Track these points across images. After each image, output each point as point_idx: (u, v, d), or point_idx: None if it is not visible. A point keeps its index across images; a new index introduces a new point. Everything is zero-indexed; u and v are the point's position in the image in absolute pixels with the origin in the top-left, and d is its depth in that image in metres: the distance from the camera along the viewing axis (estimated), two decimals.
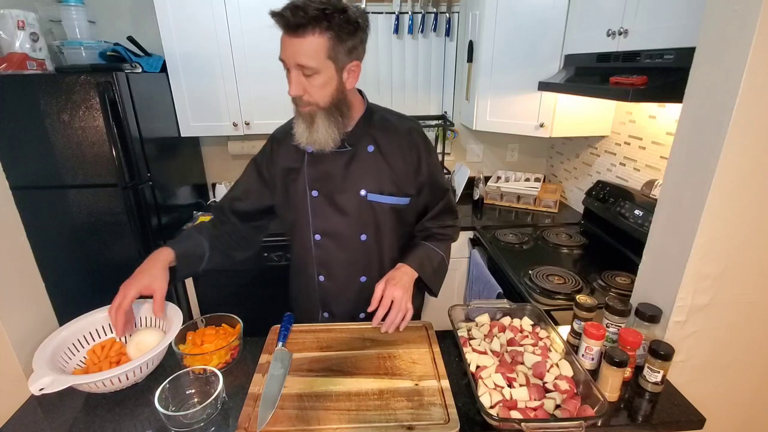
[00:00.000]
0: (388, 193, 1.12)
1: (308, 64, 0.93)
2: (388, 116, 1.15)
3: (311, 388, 0.91)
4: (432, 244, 1.22)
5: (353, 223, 1.13)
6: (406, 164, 1.12)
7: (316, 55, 0.92)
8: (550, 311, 1.30)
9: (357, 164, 1.10)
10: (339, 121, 1.03)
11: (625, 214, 1.68)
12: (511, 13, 1.92)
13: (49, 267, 1.14)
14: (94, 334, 1.04)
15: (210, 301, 2.22)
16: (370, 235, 1.15)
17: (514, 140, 2.59)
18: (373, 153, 1.11)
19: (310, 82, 0.95)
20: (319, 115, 1.00)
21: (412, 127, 1.15)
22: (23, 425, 0.87)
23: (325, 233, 1.15)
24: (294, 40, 0.91)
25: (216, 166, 2.57)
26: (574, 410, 0.82)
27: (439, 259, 1.21)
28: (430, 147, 1.18)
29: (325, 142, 1.03)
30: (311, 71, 0.94)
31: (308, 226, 1.15)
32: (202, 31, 1.97)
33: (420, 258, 1.17)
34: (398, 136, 1.12)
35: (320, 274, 1.19)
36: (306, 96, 0.97)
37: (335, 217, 1.13)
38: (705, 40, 0.87)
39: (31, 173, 1.77)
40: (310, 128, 1.02)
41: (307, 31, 0.89)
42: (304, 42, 0.90)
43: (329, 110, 1.00)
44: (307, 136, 1.02)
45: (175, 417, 0.82)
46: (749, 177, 0.86)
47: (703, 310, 0.97)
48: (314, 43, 0.91)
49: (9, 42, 1.68)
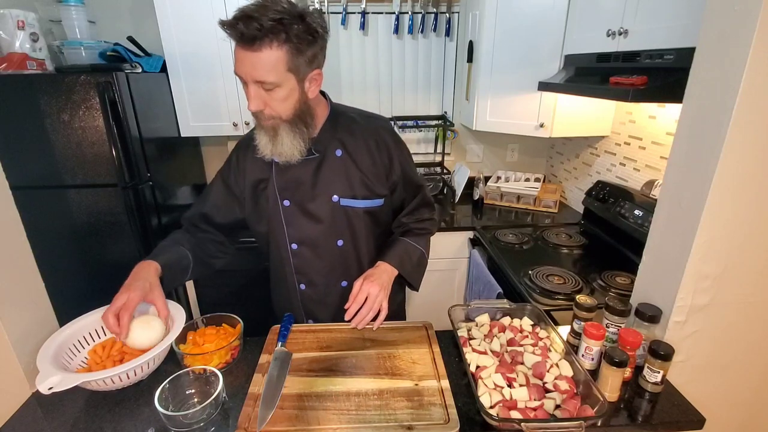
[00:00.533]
0: (361, 197, 1.10)
1: (267, 80, 0.88)
2: (354, 116, 1.12)
3: (311, 388, 0.91)
4: (410, 239, 1.21)
5: (328, 229, 1.11)
6: (376, 165, 1.10)
7: (275, 69, 0.87)
8: (550, 311, 1.30)
9: (326, 170, 1.08)
10: (303, 131, 1.00)
11: (625, 214, 1.68)
12: (511, 13, 1.92)
13: (49, 267, 1.14)
14: (94, 334, 1.04)
15: (210, 301, 2.22)
16: (347, 239, 1.14)
17: (514, 140, 2.59)
18: (341, 157, 1.08)
19: (271, 96, 0.91)
20: (283, 128, 0.97)
21: (380, 125, 1.13)
22: (23, 425, 0.87)
23: (302, 242, 1.13)
24: (249, 54, 0.86)
25: (216, 166, 2.54)
26: (574, 410, 0.82)
27: (418, 254, 1.21)
28: (401, 144, 1.15)
29: (290, 153, 1.00)
30: (271, 86, 0.89)
31: (283, 236, 1.13)
32: (202, 31, 1.97)
33: (399, 254, 1.16)
34: (365, 136, 1.09)
35: (300, 282, 1.18)
36: (267, 110, 0.93)
37: (309, 225, 1.11)
38: (705, 40, 0.87)
39: (31, 173, 1.78)
40: (273, 140, 0.98)
41: (264, 44, 0.84)
42: (261, 56, 0.85)
43: (293, 122, 0.97)
44: (272, 149, 0.99)
45: (175, 417, 0.82)
46: (749, 177, 0.86)
47: (703, 310, 0.97)
48: (272, 57, 0.86)
49: (9, 42, 1.68)
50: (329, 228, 1.11)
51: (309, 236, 1.12)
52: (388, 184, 1.13)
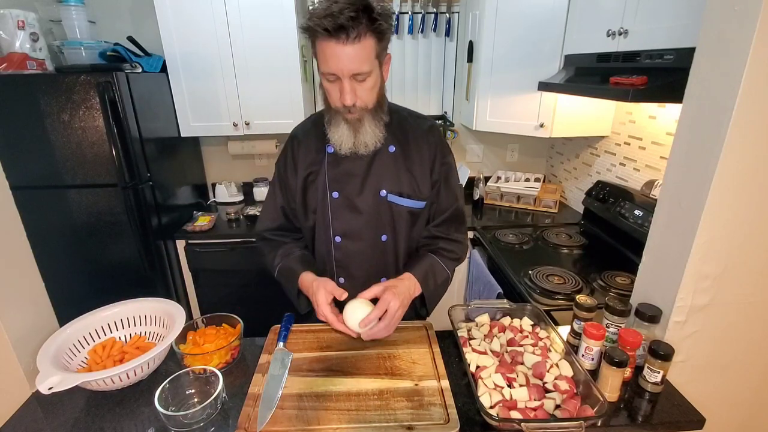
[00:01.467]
0: (406, 195, 1.10)
1: (363, 70, 0.88)
2: (405, 115, 1.13)
3: (311, 388, 0.91)
4: (441, 259, 1.16)
5: (372, 223, 1.11)
6: (423, 165, 1.10)
7: (369, 58, 0.89)
8: (550, 311, 1.30)
9: (378, 164, 1.08)
10: (381, 117, 1.01)
11: (625, 214, 1.68)
12: (511, 13, 1.92)
13: (49, 267, 1.14)
14: (94, 334, 1.04)
15: (210, 301, 2.22)
16: (390, 235, 1.13)
17: (514, 140, 2.59)
18: (394, 153, 1.08)
19: (362, 86, 0.92)
20: (367, 118, 0.98)
21: (432, 125, 1.13)
22: (23, 425, 0.87)
23: (345, 234, 1.13)
24: (348, 47, 0.86)
25: (216, 166, 2.57)
26: (573, 410, 0.82)
27: (444, 278, 1.16)
28: (446, 148, 1.14)
29: (372, 142, 1.01)
30: (364, 76, 0.90)
31: (329, 229, 1.13)
32: (202, 31, 1.98)
33: (425, 270, 1.11)
34: (417, 136, 1.10)
35: (340, 276, 1.17)
36: (358, 101, 0.94)
37: (353, 217, 1.11)
38: (705, 40, 0.87)
39: (31, 173, 1.78)
40: (356, 132, 0.99)
41: (360, 34, 0.85)
42: (358, 47, 0.86)
43: (374, 110, 0.98)
44: (354, 140, 1.00)
45: (175, 417, 0.82)
46: (749, 177, 0.86)
47: (703, 310, 0.97)
48: (367, 46, 0.87)
49: (9, 42, 1.68)
50: (373, 222, 1.11)
51: (352, 228, 1.12)
52: (430, 183, 1.12)
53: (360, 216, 1.10)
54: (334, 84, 0.93)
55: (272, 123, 2.16)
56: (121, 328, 1.07)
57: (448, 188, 1.15)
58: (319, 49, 0.90)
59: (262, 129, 2.17)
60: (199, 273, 2.16)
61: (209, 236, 2.07)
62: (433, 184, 1.13)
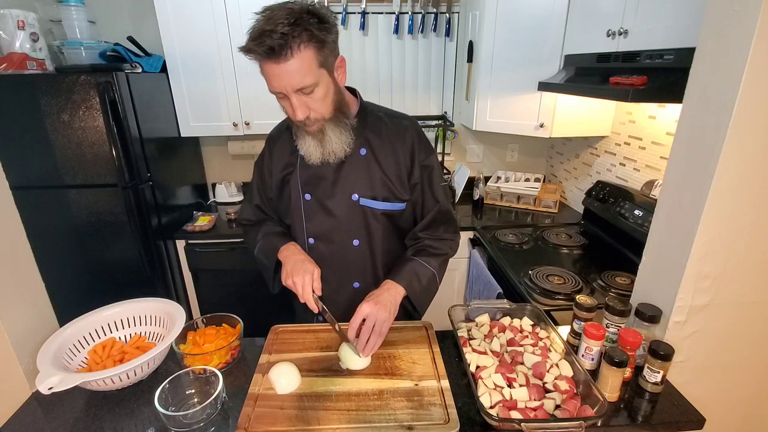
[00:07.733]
0: (381, 199, 1.09)
1: (306, 84, 0.88)
2: (381, 116, 1.11)
3: (311, 388, 0.91)
4: (422, 259, 1.13)
5: (344, 227, 1.11)
6: (399, 167, 1.08)
7: (311, 70, 0.87)
8: (550, 311, 1.31)
9: (348, 168, 1.07)
10: (346, 123, 1.00)
11: (625, 214, 1.68)
12: (511, 14, 1.92)
13: (49, 267, 1.14)
14: (94, 334, 1.04)
15: (210, 301, 2.22)
16: (363, 240, 1.13)
17: (514, 140, 2.59)
18: (365, 156, 1.07)
19: (312, 98, 0.92)
20: (328, 127, 0.98)
21: (407, 125, 1.11)
22: (23, 425, 0.87)
23: (318, 237, 1.13)
24: (283, 66, 0.85)
25: (216, 166, 2.57)
26: (573, 410, 0.82)
27: (429, 276, 1.12)
28: (427, 146, 1.12)
29: (340, 150, 1.01)
30: (310, 88, 0.90)
31: (302, 230, 1.14)
32: (202, 31, 1.98)
33: (408, 275, 1.09)
34: (391, 137, 1.08)
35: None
36: (312, 114, 0.94)
37: (327, 221, 1.11)
38: (705, 40, 0.87)
39: (31, 173, 1.78)
40: (321, 143, 0.99)
41: (293, 50, 0.84)
42: (294, 63, 0.85)
43: (335, 117, 0.98)
44: (322, 151, 1.00)
45: (175, 417, 0.82)
46: (749, 177, 0.86)
47: (703, 310, 0.97)
48: (305, 60, 0.86)
49: (9, 42, 1.68)
50: (345, 225, 1.11)
51: (325, 231, 1.12)
52: (409, 185, 1.11)
53: (334, 219, 1.10)
54: (285, 101, 0.93)
55: (272, 123, 2.13)
56: (121, 328, 1.07)
57: (430, 189, 1.13)
58: (261, 69, 0.89)
59: (262, 129, 2.17)
60: (199, 273, 2.16)
61: (209, 236, 2.07)
62: (413, 186, 1.11)
